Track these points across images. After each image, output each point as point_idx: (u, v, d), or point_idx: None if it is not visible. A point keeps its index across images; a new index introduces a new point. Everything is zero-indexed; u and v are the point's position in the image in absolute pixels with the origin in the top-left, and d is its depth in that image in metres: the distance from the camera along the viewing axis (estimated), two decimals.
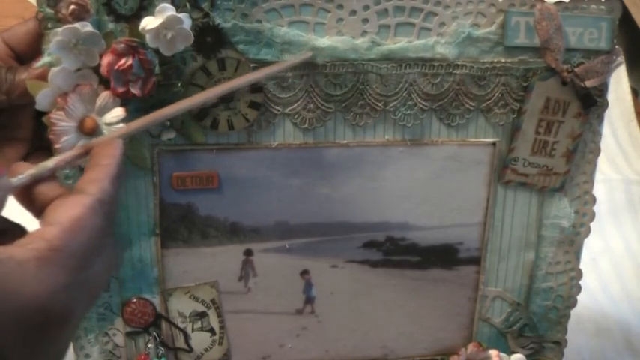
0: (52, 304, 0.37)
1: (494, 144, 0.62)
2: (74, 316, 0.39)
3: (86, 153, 0.46)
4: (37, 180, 0.44)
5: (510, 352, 0.69)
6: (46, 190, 0.43)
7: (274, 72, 0.55)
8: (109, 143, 0.47)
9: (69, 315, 0.39)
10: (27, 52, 0.54)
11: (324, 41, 0.56)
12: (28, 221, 0.45)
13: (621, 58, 0.60)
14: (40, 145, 0.56)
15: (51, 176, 0.44)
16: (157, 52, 0.52)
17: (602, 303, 0.92)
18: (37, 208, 0.43)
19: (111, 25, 0.52)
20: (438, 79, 0.59)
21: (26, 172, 0.43)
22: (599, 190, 0.66)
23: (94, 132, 0.52)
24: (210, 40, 0.54)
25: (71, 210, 0.41)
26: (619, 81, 1.22)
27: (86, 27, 0.49)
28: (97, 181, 0.43)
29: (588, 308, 0.73)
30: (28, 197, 0.43)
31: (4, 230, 0.42)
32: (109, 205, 0.43)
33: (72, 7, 0.50)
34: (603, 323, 0.88)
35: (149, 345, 0.62)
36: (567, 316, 0.69)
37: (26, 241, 0.38)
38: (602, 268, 0.98)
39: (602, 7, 0.59)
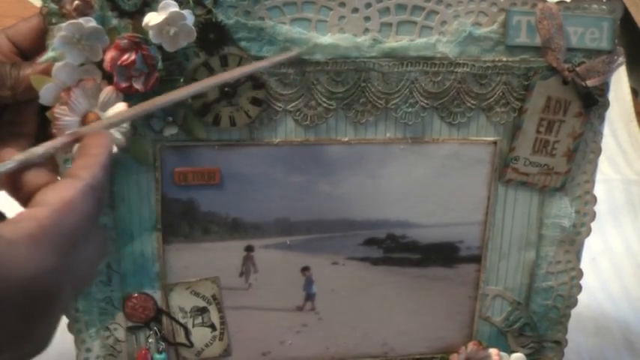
0: (40, 284, 0.37)
1: (495, 143, 0.62)
2: (60, 299, 0.39)
3: (75, 141, 0.46)
4: (25, 167, 0.43)
5: (510, 352, 0.69)
6: (33, 176, 0.44)
7: (260, 68, 0.55)
8: (99, 133, 0.47)
9: (56, 296, 0.38)
10: (31, 49, 0.54)
11: (326, 39, 0.56)
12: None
13: (622, 58, 0.60)
14: (44, 140, 0.56)
15: (39, 164, 0.44)
16: (159, 48, 0.52)
17: (601, 302, 0.92)
18: (24, 195, 0.43)
19: (114, 21, 0.52)
20: (440, 78, 0.59)
21: (14, 157, 0.43)
22: (598, 190, 0.66)
23: None
24: (212, 36, 0.54)
25: (62, 192, 0.41)
26: (619, 81, 1.22)
27: (90, 22, 0.50)
28: (88, 167, 0.43)
29: (588, 308, 0.73)
30: (15, 184, 0.43)
31: None
32: (100, 192, 0.43)
33: (76, 2, 0.50)
34: (603, 323, 0.88)
35: (150, 340, 0.63)
36: (568, 315, 0.69)
37: (15, 220, 0.38)
38: (602, 268, 0.98)
39: (604, 7, 0.59)
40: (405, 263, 0.65)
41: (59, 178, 0.45)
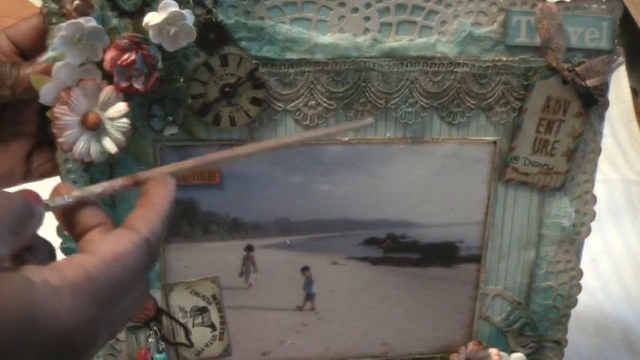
0: (79, 335, 0.36)
1: (494, 142, 0.62)
2: (94, 348, 0.38)
3: (135, 184, 0.44)
4: (80, 204, 0.42)
5: (510, 351, 0.69)
6: (88, 216, 0.42)
7: (330, 134, 0.56)
8: (162, 181, 0.45)
9: (91, 347, 0.37)
10: (31, 48, 0.54)
11: (326, 39, 0.56)
12: None
13: (622, 58, 0.60)
14: (45, 140, 0.57)
15: (93, 202, 0.43)
16: (160, 47, 0.52)
17: (601, 302, 0.92)
18: (77, 233, 0.42)
19: (114, 21, 0.52)
20: (439, 78, 0.59)
21: (72, 193, 0.42)
22: (598, 190, 0.66)
23: (97, 126, 0.52)
24: (212, 36, 0.54)
25: (117, 244, 0.39)
26: (619, 81, 1.22)
27: (90, 22, 0.50)
28: (148, 220, 0.42)
29: (588, 307, 0.73)
30: (68, 219, 0.42)
31: (33, 247, 0.40)
32: (156, 248, 0.42)
33: (76, 2, 0.50)
34: (603, 322, 0.88)
35: (150, 340, 0.63)
36: (568, 315, 0.69)
37: (64, 267, 0.37)
38: (602, 268, 0.98)
39: (604, 6, 0.59)
40: (404, 263, 0.65)
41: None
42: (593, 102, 0.61)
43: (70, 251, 0.56)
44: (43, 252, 0.41)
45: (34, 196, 0.40)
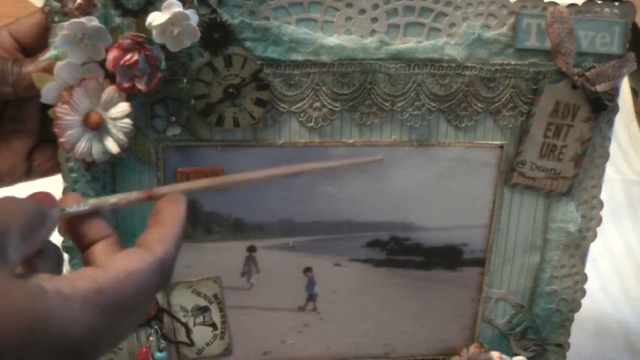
0: (86, 344, 0.36)
1: (501, 146, 0.61)
2: (98, 357, 0.38)
3: (149, 198, 0.45)
4: (87, 215, 0.42)
5: (513, 354, 0.69)
6: (95, 228, 0.42)
7: (340, 166, 0.55)
8: (175, 200, 0.45)
9: (94, 356, 0.38)
10: (33, 45, 0.53)
11: (332, 40, 0.56)
12: None
13: (634, 63, 0.59)
14: (46, 138, 0.56)
15: (101, 214, 0.43)
16: (163, 47, 0.51)
17: (602, 303, 0.92)
18: (83, 243, 0.42)
19: (117, 20, 0.52)
20: (447, 80, 0.58)
21: (88, 201, 0.42)
22: None
23: (98, 126, 0.51)
24: (217, 36, 0.53)
25: (131, 262, 0.39)
26: None
27: (92, 21, 0.49)
28: (163, 241, 0.41)
29: (588, 308, 0.72)
30: (75, 230, 0.42)
31: (42, 250, 0.40)
32: (169, 269, 0.42)
33: (78, 1, 0.49)
34: (603, 323, 0.88)
35: (151, 338, 0.62)
36: (571, 319, 0.69)
37: (76, 278, 0.37)
38: (602, 268, 0.98)
39: (616, 10, 0.58)
40: (408, 265, 0.65)
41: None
42: (603, 107, 0.60)
43: (71, 250, 0.56)
44: (51, 257, 0.41)
45: (49, 199, 0.40)
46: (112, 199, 0.43)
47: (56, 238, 0.48)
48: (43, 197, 0.40)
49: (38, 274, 0.36)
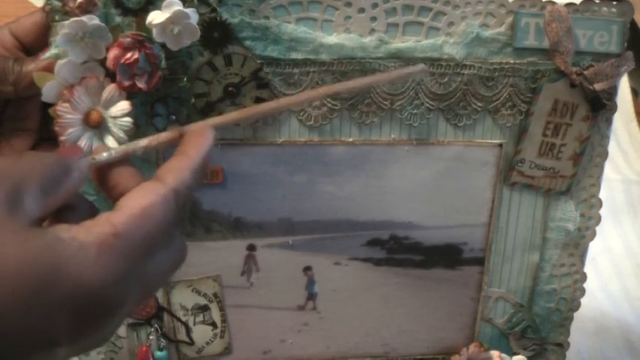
0: (107, 292, 0.35)
1: (500, 145, 0.61)
2: (125, 307, 0.37)
3: (181, 136, 0.43)
4: (119, 165, 0.41)
5: (512, 354, 0.69)
6: (127, 176, 0.41)
7: (381, 80, 0.54)
8: (200, 132, 0.43)
9: (120, 305, 0.37)
10: (33, 43, 0.53)
11: (332, 39, 0.56)
12: None
13: (632, 62, 0.59)
14: (47, 136, 0.56)
15: (131, 163, 0.42)
16: (163, 46, 0.52)
17: (601, 303, 0.92)
18: (115, 194, 0.40)
19: (118, 19, 0.52)
20: (446, 79, 0.58)
21: (118, 148, 0.41)
22: None
23: (99, 125, 0.52)
24: (217, 35, 0.54)
25: (143, 197, 0.38)
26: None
27: (93, 20, 0.49)
28: (177, 170, 0.40)
29: (588, 307, 0.73)
30: (106, 180, 0.41)
31: (74, 206, 0.39)
32: (185, 197, 0.40)
33: (79, 0, 0.50)
34: (603, 323, 0.88)
35: (151, 337, 0.63)
36: (570, 318, 0.69)
37: (92, 224, 0.36)
38: (602, 268, 0.98)
39: (614, 9, 0.58)
40: (407, 264, 0.65)
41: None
42: (602, 106, 0.60)
43: None
44: (82, 211, 0.40)
45: (76, 150, 0.39)
46: (143, 142, 0.42)
47: None
48: (69, 149, 0.39)
49: (57, 225, 0.35)
